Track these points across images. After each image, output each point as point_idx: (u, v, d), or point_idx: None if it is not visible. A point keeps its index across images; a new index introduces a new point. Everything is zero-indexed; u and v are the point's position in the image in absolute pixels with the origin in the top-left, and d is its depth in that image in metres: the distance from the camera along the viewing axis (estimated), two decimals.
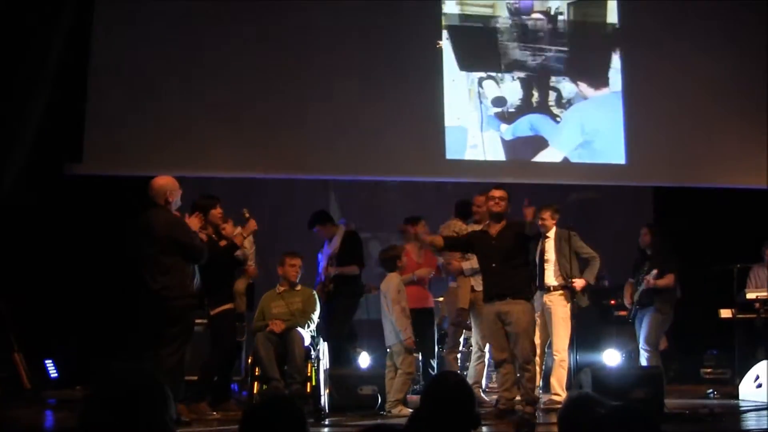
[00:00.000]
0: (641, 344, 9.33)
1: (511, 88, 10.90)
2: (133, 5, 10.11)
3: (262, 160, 10.31)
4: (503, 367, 7.86)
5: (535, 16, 11.13)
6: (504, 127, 10.81)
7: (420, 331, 8.90)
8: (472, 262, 8.75)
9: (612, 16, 11.32)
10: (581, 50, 11.24)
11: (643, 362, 9.24)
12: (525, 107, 10.88)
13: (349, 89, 10.39)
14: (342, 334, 9.42)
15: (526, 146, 10.87)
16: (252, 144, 10.24)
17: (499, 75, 10.90)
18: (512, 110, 10.84)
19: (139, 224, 7.29)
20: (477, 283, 8.75)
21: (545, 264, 8.69)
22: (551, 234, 8.72)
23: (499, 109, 10.81)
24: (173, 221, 7.27)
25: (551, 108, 10.93)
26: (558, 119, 10.94)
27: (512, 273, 7.90)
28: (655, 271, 9.16)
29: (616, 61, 11.23)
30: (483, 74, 10.83)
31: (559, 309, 8.55)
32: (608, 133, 11.08)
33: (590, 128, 11.01)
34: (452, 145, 10.66)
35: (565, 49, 11.13)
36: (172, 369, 6.97)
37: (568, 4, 11.24)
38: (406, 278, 8.93)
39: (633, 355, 10.25)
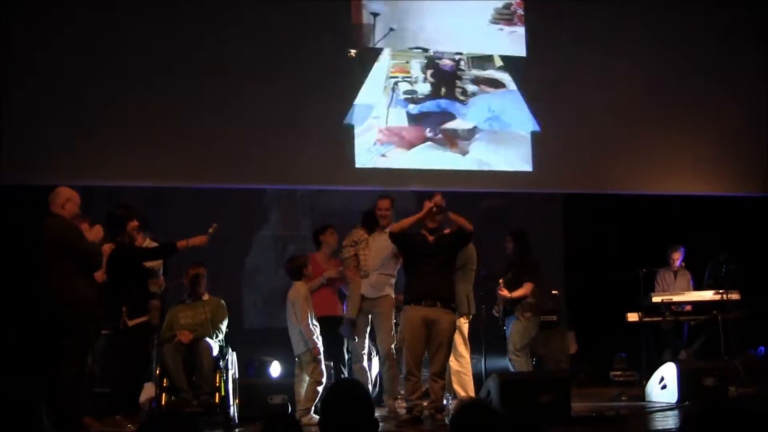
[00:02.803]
0: (508, 353, 9.27)
1: (423, 88, 11.01)
2: (46, 13, 9.94)
3: (171, 169, 10.19)
4: (414, 375, 7.85)
5: None
6: None
7: (330, 339, 8.89)
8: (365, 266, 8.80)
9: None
10: None
11: (511, 369, 9.13)
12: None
13: (258, 98, 10.34)
14: None
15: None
16: (163, 153, 10.10)
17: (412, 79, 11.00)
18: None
19: (35, 231, 7.23)
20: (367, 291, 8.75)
21: None
22: None
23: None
24: (66, 227, 7.21)
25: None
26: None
27: (445, 281, 7.95)
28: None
29: None
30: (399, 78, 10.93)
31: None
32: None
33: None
34: (361, 153, 10.70)
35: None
36: (71, 381, 6.89)
37: None
38: (316, 282, 8.96)
39: (542, 360, 10.44)
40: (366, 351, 8.89)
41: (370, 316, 8.75)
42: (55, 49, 9.86)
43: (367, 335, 8.86)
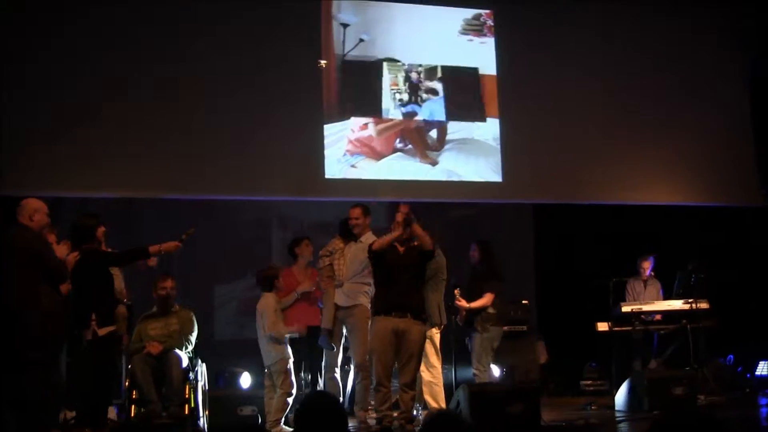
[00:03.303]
0: (473, 366, 9.19)
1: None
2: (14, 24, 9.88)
3: (143, 180, 10.13)
4: (384, 385, 7.80)
5: None
6: None
7: (309, 349, 8.89)
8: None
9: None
10: None
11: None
12: None
13: (228, 109, 10.35)
14: None
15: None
16: (135, 164, 10.03)
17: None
18: None
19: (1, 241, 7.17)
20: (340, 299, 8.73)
21: None
22: None
23: None
24: (34, 237, 7.13)
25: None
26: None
27: (415, 291, 7.92)
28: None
29: None
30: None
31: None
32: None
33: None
34: (331, 164, 10.71)
35: None
36: (38, 394, 6.80)
37: None
38: (290, 298, 8.93)
39: (512, 370, 10.43)
40: (340, 362, 8.88)
41: (344, 326, 8.75)
42: (32, 60, 9.83)
43: (341, 345, 8.86)
